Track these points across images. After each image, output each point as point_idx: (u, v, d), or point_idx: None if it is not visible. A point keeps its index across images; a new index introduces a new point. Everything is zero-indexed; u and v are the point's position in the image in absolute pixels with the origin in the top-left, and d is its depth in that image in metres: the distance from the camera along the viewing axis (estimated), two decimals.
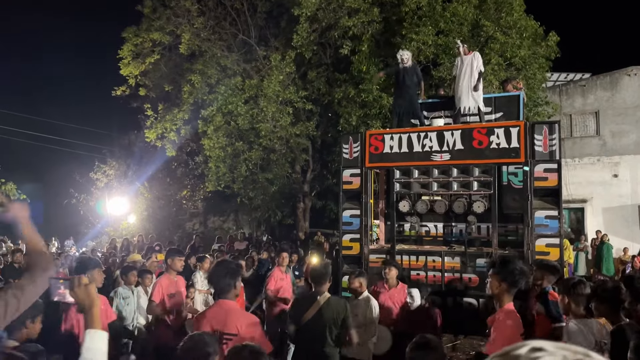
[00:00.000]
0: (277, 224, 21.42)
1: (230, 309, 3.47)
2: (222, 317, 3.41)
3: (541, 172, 6.98)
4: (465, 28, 14.22)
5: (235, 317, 3.42)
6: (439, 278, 7.34)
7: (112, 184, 23.03)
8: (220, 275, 3.54)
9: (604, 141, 17.95)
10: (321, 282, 4.43)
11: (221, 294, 3.54)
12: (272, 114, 15.04)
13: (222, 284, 3.51)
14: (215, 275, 3.59)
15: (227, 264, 3.73)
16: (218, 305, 3.54)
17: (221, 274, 3.54)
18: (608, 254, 14.45)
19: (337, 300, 4.54)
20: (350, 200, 8.02)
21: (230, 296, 3.52)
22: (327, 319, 4.27)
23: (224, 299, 3.51)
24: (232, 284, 3.52)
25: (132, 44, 16.81)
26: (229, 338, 3.29)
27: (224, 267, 3.65)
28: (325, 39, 15.88)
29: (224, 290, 3.52)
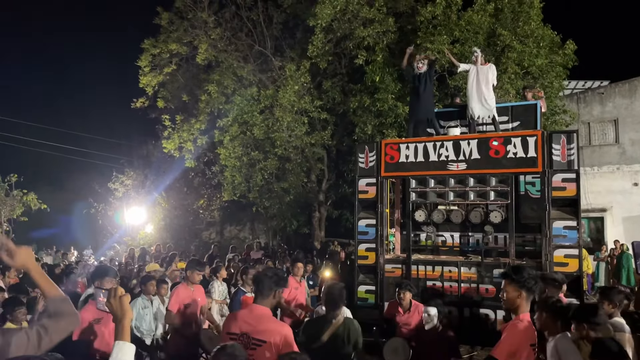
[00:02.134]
0: (293, 233, 21.45)
1: (264, 315, 3.44)
2: (254, 322, 3.38)
3: (559, 182, 6.92)
4: (481, 37, 14.17)
5: (267, 324, 3.39)
6: (455, 288, 7.29)
7: (130, 193, 23.29)
8: (265, 279, 3.52)
9: (624, 149, 17.68)
10: (336, 306, 4.36)
11: (259, 299, 3.51)
12: (288, 123, 15.13)
13: (264, 287, 3.48)
14: (261, 278, 3.57)
15: (276, 271, 3.71)
16: (252, 308, 3.50)
17: (267, 278, 3.53)
18: (628, 264, 14.17)
19: (352, 323, 4.46)
20: (365, 210, 8.02)
21: (267, 302, 3.49)
22: (342, 344, 4.21)
23: (260, 304, 3.48)
24: (273, 291, 3.50)
25: (150, 55, 17.06)
26: (258, 344, 3.27)
27: (272, 272, 3.64)
28: (340, 49, 15.96)
29: (264, 295, 3.48)
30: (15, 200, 19.24)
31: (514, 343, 3.23)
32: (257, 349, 3.25)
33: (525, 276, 3.30)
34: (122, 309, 2.18)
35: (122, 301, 2.18)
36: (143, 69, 17.19)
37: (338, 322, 4.29)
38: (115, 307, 2.18)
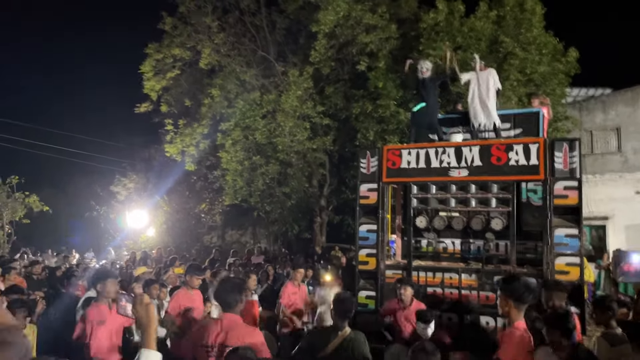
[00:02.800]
0: (295, 238, 21.45)
1: (235, 323, 3.49)
2: (226, 332, 3.42)
3: (561, 190, 6.91)
4: (483, 43, 14.22)
5: (239, 332, 3.42)
6: (456, 295, 7.27)
7: (132, 197, 23.34)
8: (226, 291, 3.57)
9: (626, 157, 17.67)
10: (346, 317, 4.30)
11: (227, 309, 3.56)
12: (290, 128, 15.17)
13: (228, 299, 3.54)
14: (221, 291, 3.62)
15: (232, 280, 3.79)
16: (223, 319, 3.54)
17: (227, 289, 3.58)
18: None
19: (358, 335, 4.35)
20: (367, 215, 8.01)
21: (236, 310, 3.55)
22: (347, 356, 4.14)
23: (230, 312, 3.54)
24: (238, 299, 3.55)
25: (153, 60, 17.13)
26: None
27: (230, 283, 3.70)
28: (343, 55, 16.03)
29: (230, 305, 3.54)
30: (17, 202, 19.27)
31: (514, 352, 3.25)
32: None
33: (514, 286, 3.33)
34: (149, 317, 2.22)
35: (149, 309, 2.23)
36: (146, 74, 17.26)
37: (345, 333, 4.23)
38: (142, 315, 2.22)
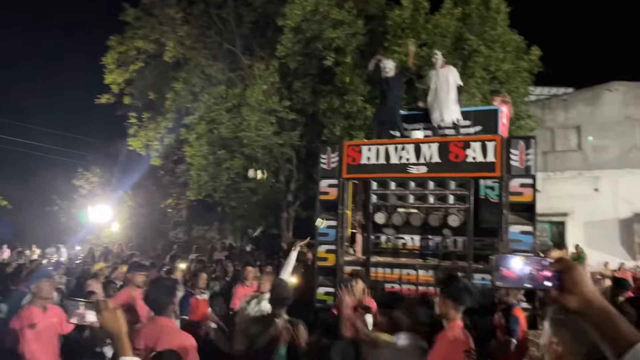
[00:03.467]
0: (261, 234, 21.31)
1: (166, 327, 3.36)
2: (157, 335, 3.28)
3: (517, 187, 6.99)
4: (448, 41, 14.31)
5: (170, 336, 3.30)
6: (414, 292, 7.29)
7: (95, 191, 22.82)
8: (156, 293, 3.43)
9: (586, 155, 18.12)
10: (283, 304, 4.28)
11: (157, 312, 3.42)
12: (255, 123, 15.00)
13: (159, 301, 3.40)
14: (151, 293, 3.48)
15: (163, 282, 3.66)
16: (154, 322, 3.42)
17: (157, 291, 3.44)
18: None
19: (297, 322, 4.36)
20: (327, 211, 7.97)
21: (167, 313, 3.42)
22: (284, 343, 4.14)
23: (160, 315, 3.40)
24: (169, 302, 3.42)
25: (116, 52, 16.71)
26: None
27: (160, 284, 3.57)
28: (310, 49, 15.91)
29: (161, 308, 3.40)
30: None
31: (445, 351, 3.24)
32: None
33: (454, 287, 3.32)
34: (118, 323, 1.99)
35: (117, 315, 2.00)
36: (109, 66, 16.83)
37: (282, 320, 4.21)
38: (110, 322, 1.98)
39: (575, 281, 1.26)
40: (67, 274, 10.44)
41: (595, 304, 1.24)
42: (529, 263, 1.33)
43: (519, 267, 1.33)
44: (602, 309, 1.24)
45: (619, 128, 17.76)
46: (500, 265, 1.34)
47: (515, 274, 1.33)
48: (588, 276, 1.29)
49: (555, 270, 1.29)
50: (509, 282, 1.33)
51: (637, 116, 17.73)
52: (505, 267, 1.33)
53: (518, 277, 1.33)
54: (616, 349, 1.18)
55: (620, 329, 1.20)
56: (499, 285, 1.34)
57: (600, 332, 1.23)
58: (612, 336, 1.20)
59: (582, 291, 1.25)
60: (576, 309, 1.26)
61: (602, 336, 1.22)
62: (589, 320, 1.25)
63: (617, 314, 1.23)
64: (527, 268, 1.32)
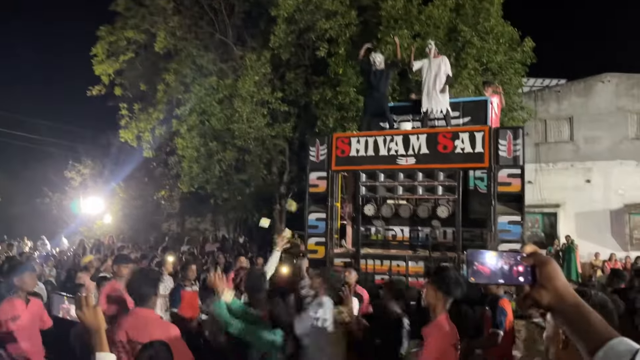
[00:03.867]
0: (255, 226, 21.25)
1: (148, 318, 3.35)
2: (139, 327, 3.27)
3: (505, 177, 7.01)
4: (441, 32, 14.25)
5: (152, 327, 3.28)
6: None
7: (86, 183, 22.70)
8: (138, 284, 3.41)
9: (578, 147, 18.15)
10: (256, 294, 4.25)
11: (139, 303, 3.40)
12: (247, 114, 14.92)
13: (140, 291, 3.38)
14: (133, 284, 3.45)
15: (146, 272, 3.62)
16: (135, 313, 3.41)
17: (140, 282, 3.42)
18: (569, 258, 14.61)
19: None
20: (316, 204, 7.98)
21: (149, 305, 3.40)
22: None
23: (142, 307, 3.38)
24: (152, 293, 3.40)
25: (106, 42, 16.56)
26: None
27: (143, 275, 3.53)
28: (303, 40, 15.81)
29: (143, 299, 3.38)
30: None
31: (439, 347, 3.22)
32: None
33: (446, 279, 3.28)
34: (97, 320, 2.08)
35: (97, 311, 2.09)
36: (98, 56, 16.68)
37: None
38: (90, 318, 2.07)
39: (548, 276, 1.22)
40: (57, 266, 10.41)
41: (568, 300, 1.21)
42: (502, 258, 1.29)
43: (493, 262, 1.29)
44: (574, 305, 1.20)
45: (611, 119, 17.78)
46: (473, 261, 1.29)
47: (489, 269, 1.28)
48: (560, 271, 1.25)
49: (529, 265, 1.26)
50: (483, 277, 1.29)
51: (629, 107, 17.75)
52: (479, 263, 1.29)
53: (492, 272, 1.28)
54: (589, 346, 1.15)
55: (593, 325, 1.17)
56: (473, 282, 1.30)
57: (573, 328, 1.20)
58: (585, 333, 1.17)
59: (555, 286, 1.22)
60: (549, 304, 1.22)
61: (574, 332, 1.20)
62: (561, 316, 1.22)
63: (591, 310, 1.20)
64: (501, 263, 1.28)
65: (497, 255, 1.29)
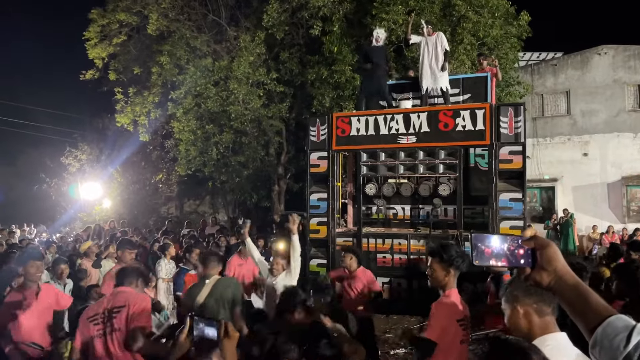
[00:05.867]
0: (254, 207, 21.29)
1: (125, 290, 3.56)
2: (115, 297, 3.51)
3: (506, 155, 7.00)
4: (436, 7, 14.09)
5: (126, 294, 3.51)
6: (405, 261, 7.37)
7: (84, 168, 22.62)
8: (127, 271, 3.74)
9: (575, 120, 18.15)
10: (208, 265, 4.49)
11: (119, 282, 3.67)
12: (243, 96, 14.82)
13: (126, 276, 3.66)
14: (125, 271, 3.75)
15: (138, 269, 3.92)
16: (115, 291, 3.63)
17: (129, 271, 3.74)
18: (567, 231, 14.74)
19: (227, 281, 4.64)
20: (317, 184, 7.97)
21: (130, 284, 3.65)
22: (217, 301, 4.35)
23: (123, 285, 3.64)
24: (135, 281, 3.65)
25: (98, 25, 16.31)
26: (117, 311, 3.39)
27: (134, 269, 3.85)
28: (297, 19, 15.61)
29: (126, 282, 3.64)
30: None
31: (443, 321, 3.27)
32: (117, 316, 3.38)
33: (453, 254, 3.31)
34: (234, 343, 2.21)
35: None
36: (91, 40, 16.45)
37: (213, 280, 4.40)
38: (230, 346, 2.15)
39: (548, 258, 1.28)
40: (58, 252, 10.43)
41: (567, 280, 1.26)
42: (506, 241, 1.34)
43: (497, 245, 1.34)
44: (574, 285, 1.26)
45: (608, 92, 17.75)
46: (478, 243, 1.35)
47: (493, 252, 1.34)
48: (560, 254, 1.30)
49: (529, 248, 1.31)
50: (487, 260, 1.34)
51: (625, 79, 17.71)
52: (484, 245, 1.34)
53: (496, 255, 1.34)
54: (588, 324, 1.21)
55: (592, 304, 1.22)
56: (478, 264, 1.35)
57: (573, 307, 1.25)
58: (584, 311, 1.22)
59: (555, 268, 1.27)
60: (549, 285, 1.28)
61: (574, 311, 1.25)
62: (561, 296, 1.28)
63: (589, 289, 1.25)
64: (504, 246, 1.34)
65: (500, 238, 1.35)
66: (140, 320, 3.27)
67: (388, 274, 7.39)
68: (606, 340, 1.15)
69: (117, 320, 3.33)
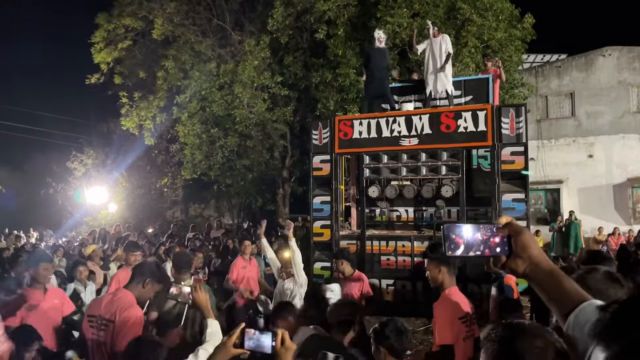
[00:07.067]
0: (259, 210, 21.36)
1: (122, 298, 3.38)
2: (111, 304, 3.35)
3: (508, 155, 7.00)
4: (441, 10, 14.14)
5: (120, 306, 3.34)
6: (409, 263, 7.38)
7: (90, 173, 22.76)
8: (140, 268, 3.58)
9: (579, 122, 18.10)
10: (181, 270, 4.50)
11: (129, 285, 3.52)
12: (248, 100, 14.90)
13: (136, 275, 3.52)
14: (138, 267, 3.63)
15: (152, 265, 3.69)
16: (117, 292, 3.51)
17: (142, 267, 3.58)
18: (575, 233, 14.67)
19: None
20: (320, 187, 7.99)
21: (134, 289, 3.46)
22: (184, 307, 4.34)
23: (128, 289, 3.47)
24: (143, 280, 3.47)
25: (104, 30, 16.47)
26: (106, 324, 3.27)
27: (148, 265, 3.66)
28: (301, 23, 15.70)
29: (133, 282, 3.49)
30: None
31: (445, 321, 3.28)
32: (105, 330, 3.26)
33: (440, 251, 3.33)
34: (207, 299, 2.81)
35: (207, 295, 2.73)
36: (97, 44, 16.60)
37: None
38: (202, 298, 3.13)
39: (523, 245, 1.26)
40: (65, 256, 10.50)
41: (542, 267, 1.25)
42: (479, 230, 1.30)
43: (469, 235, 1.30)
44: (548, 272, 1.24)
45: (613, 93, 17.70)
46: (450, 234, 1.30)
47: (466, 241, 1.29)
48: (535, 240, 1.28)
49: (504, 236, 1.29)
50: (461, 250, 1.29)
51: (630, 81, 17.66)
52: (456, 235, 1.30)
53: (469, 244, 1.29)
54: (562, 310, 1.20)
55: (566, 290, 1.21)
56: (451, 255, 1.31)
57: (547, 294, 1.24)
58: (559, 298, 1.21)
59: (530, 255, 1.25)
60: (524, 273, 1.26)
61: (549, 298, 1.24)
62: (536, 283, 1.26)
63: (564, 275, 1.24)
64: (478, 235, 1.30)
65: (473, 227, 1.31)
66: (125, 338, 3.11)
67: (392, 276, 7.40)
68: (578, 327, 1.13)
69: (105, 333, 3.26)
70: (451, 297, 3.36)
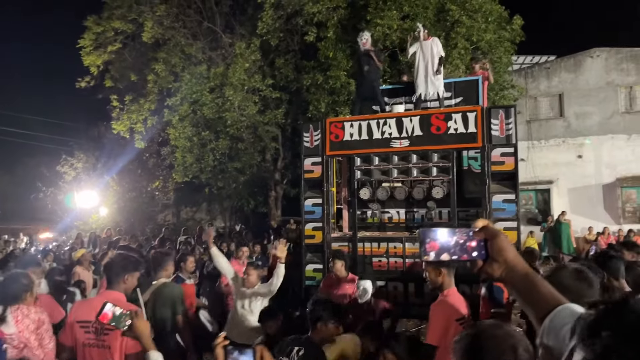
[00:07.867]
0: (251, 213, 21.34)
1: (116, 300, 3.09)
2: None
3: (498, 156, 7.04)
4: (430, 12, 14.21)
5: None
6: (400, 264, 7.39)
7: (80, 177, 22.61)
8: (113, 266, 3.35)
9: (569, 123, 18.26)
10: (158, 268, 4.62)
11: (110, 286, 3.33)
12: (238, 102, 14.88)
13: (112, 274, 3.31)
14: (109, 265, 3.42)
15: (125, 256, 3.53)
16: (105, 295, 3.30)
17: (115, 264, 3.37)
18: (565, 233, 14.78)
19: (171, 285, 4.73)
20: (312, 189, 7.98)
21: (119, 288, 3.28)
22: (160, 304, 4.45)
23: (112, 290, 3.29)
24: (122, 276, 3.27)
25: (93, 33, 16.38)
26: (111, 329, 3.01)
27: (121, 258, 3.49)
28: (292, 25, 15.71)
29: (113, 282, 3.29)
30: None
31: (442, 322, 3.29)
32: (110, 334, 3.08)
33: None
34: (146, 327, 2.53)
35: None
36: (86, 47, 16.50)
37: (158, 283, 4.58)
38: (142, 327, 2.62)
39: (498, 249, 1.24)
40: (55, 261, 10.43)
41: (517, 270, 1.24)
42: (455, 234, 1.28)
43: (445, 239, 1.27)
44: (524, 275, 1.23)
45: (601, 94, 17.86)
46: (426, 238, 1.28)
47: (443, 245, 1.27)
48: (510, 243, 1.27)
49: (480, 240, 1.27)
50: (437, 255, 1.27)
51: (618, 82, 17.84)
52: (433, 240, 1.27)
53: (445, 248, 1.27)
54: (537, 313, 1.19)
55: (541, 293, 1.20)
56: (427, 260, 1.30)
57: (523, 297, 1.23)
58: (534, 301, 1.21)
59: (506, 258, 1.24)
60: (500, 276, 1.25)
61: (525, 302, 1.23)
62: (512, 286, 1.25)
63: (540, 279, 1.23)
64: (454, 239, 1.27)
65: (449, 231, 1.28)
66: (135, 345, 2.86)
67: (384, 278, 7.41)
68: (553, 331, 1.12)
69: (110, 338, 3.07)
70: (449, 298, 3.37)
